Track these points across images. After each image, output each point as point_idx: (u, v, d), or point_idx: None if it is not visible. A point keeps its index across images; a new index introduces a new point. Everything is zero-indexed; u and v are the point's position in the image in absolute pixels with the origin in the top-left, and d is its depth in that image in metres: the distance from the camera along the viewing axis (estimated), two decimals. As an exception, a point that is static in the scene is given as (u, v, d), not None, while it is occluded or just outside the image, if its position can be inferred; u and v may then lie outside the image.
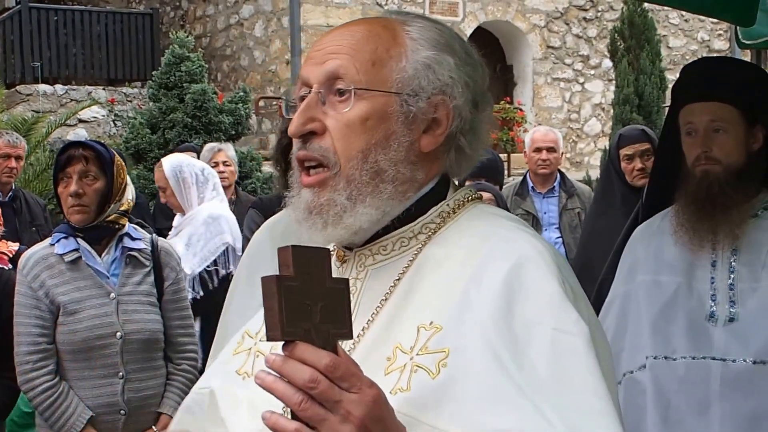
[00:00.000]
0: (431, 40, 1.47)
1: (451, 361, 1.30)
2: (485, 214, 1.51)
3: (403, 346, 1.35)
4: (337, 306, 1.21)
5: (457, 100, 1.46)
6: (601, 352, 1.34)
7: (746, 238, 2.61)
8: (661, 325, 2.65)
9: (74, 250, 3.47)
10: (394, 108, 1.43)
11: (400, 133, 1.43)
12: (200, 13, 16.72)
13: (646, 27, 12.18)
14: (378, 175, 1.42)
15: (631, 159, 4.66)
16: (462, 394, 1.27)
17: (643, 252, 2.78)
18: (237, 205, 6.34)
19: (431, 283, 1.41)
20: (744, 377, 2.51)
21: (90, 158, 3.49)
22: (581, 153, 16.44)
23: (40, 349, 3.42)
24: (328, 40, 1.48)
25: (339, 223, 1.43)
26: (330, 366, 1.14)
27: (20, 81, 14.66)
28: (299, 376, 1.14)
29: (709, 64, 2.96)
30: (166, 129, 11.09)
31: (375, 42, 1.45)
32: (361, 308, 1.45)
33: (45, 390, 3.41)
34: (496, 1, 15.74)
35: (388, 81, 1.44)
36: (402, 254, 1.47)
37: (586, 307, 1.39)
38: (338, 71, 1.43)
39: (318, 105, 1.44)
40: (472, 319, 1.33)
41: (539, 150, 6.04)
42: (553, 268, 1.38)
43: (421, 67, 1.45)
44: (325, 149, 1.43)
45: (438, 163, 1.49)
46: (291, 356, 1.15)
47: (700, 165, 2.61)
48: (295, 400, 1.14)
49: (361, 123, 1.42)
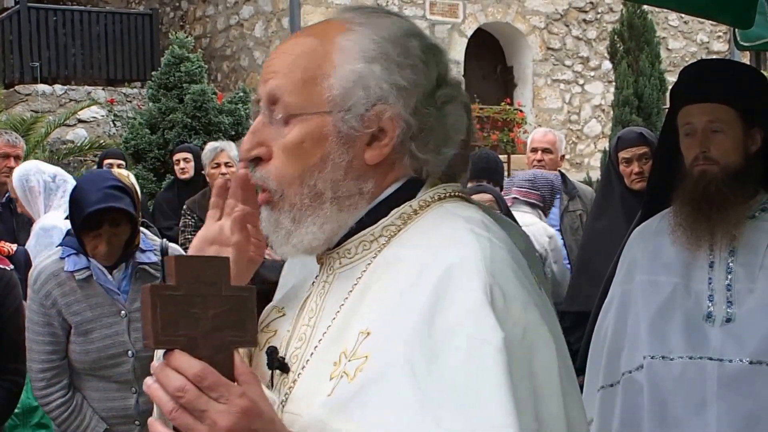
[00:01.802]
0: (361, 51, 1.43)
1: (367, 366, 1.30)
2: (444, 214, 1.46)
3: (347, 352, 1.35)
4: (239, 314, 1.22)
5: (395, 108, 1.41)
6: (522, 358, 1.30)
7: (744, 239, 2.61)
8: (659, 325, 2.65)
9: (85, 268, 3.43)
10: (329, 128, 1.41)
11: (336, 153, 1.41)
12: (200, 13, 16.73)
13: (646, 29, 12.19)
14: (318, 197, 1.42)
15: (629, 162, 4.66)
16: (368, 399, 1.27)
17: (641, 252, 2.79)
18: (237, 205, 6.34)
19: (379, 287, 1.40)
20: (740, 377, 2.51)
21: (119, 221, 3.40)
22: (581, 154, 16.45)
23: (54, 366, 3.43)
24: (273, 54, 1.48)
25: (287, 243, 1.45)
26: (198, 375, 1.17)
27: (19, 81, 14.66)
28: (170, 383, 1.17)
29: (708, 65, 2.97)
30: (165, 129, 11.10)
31: (307, 59, 1.43)
32: (325, 312, 1.46)
33: (59, 405, 3.45)
34: (497, 3, 15.76)
35: (320, 101, 1.41)
36: (363, 257, 1.46)
37: (524, 311, 1.34)
38: (275, 93, 1.43)
39: (266, 127, 1.44)
40: (398, 325, 1.31)
41: (535, 150, 6.06)
42: (482, 272, 1.32)
43: (349, 83, 1.41)
44: (265, 177, 1.44)
45: (393, 170, 1.46)
46: (167, 364, 1.18)
47: (698, 165, 2.62)
48: (167, 408, 1.17)
49: (297, 147, 1.41)
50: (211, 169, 6.39)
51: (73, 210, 3.41)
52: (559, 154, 6.15)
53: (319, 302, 1.49)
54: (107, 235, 3.37)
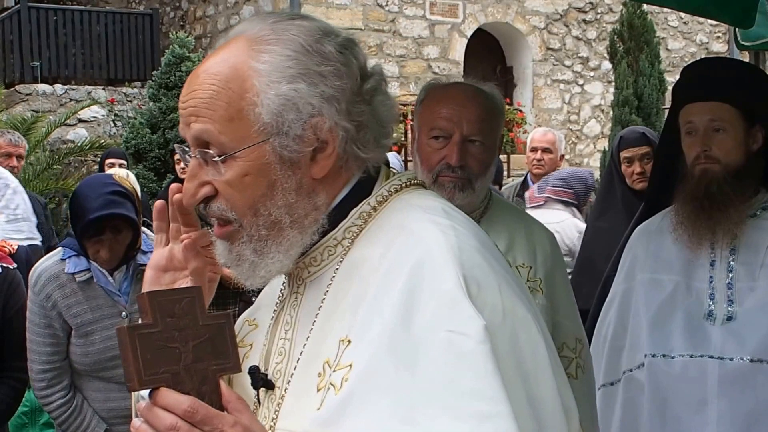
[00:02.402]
0: (281, 71, 1.37)
1: (352, 375, 1.28)
2: (403, 207, 1.44)
3: (330, 361, 1.33)
4: (218, 342, 1.22)
5: (330, 118, 1.38)
6: (507, 343, 1.30)
7: (745, 238, 2.62)
8: (660, 323, 2.66)
9: (86, 270, 3.43)
10: (268, 157, 1.37)
11: (282, 177, 1.38)
12: (200, 13, 16.73)
13: (646, 29, 12.19)
14: (275, 225, 1.39)
15: (630, 162, 4.66)
16: (356, 408, 1.25)
17: (642, 250, 2.79)
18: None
19: (350, 291, 1.38)
20: (741, 376, 2.52)
21: (121, 228, 3.40)
22: (580, 154, 16.45)
23: (54, 367, 3.44)
24: (186, 93, 1.41)
25: (254, 275, 1.42)
26: (188, 411, 1.17)
27: (20, 81, 14.65)
28: (161, 423, 1.17)
29: (710, 64, 2.97)
30: (166, 129, 11.11)
31: (227, 95, 1.37)
32: (301, 323, 1.44)
33: (60, 406, 3.46)
34: (496, 3, 15.76)
35: (252, 132, 1.36)
36: (331, 263, 1.43)
37: (499, 294, 1.33)
38: (202, 137, 1.38)
39: (202, 167, 1.40)
40: (377, 329, 1.28)
41: (535, 150, 6.06)
42: (451, 263, 1.31)
43: (278, 108, 1.36)
44: (223, 209, 1.40)
45: (342, 175, 1.44)
46: (155, 403, 1.18)
47: (700, 164, 2.62)
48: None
49: (240, 182, 1.37)
50: (212, 168, 6.38)
51: (74, 216, 3.41)
52: (558, 153, 6.14)
53: (293, 314, 1.47)
54: (109, 241, 3.37)
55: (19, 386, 3.51)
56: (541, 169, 6.03)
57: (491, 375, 1.23)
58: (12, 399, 3.55)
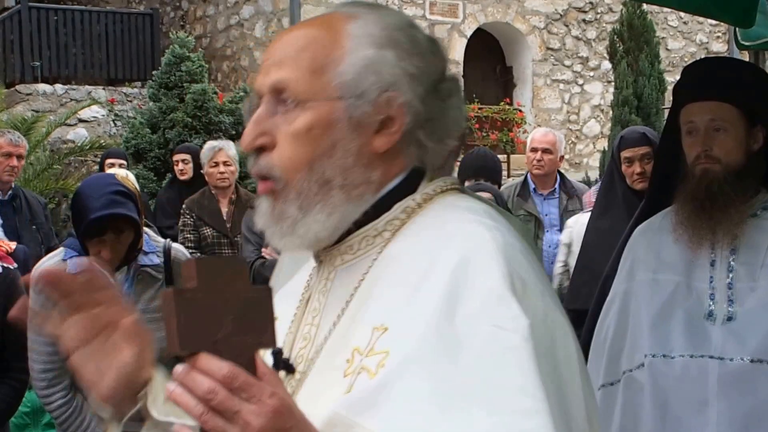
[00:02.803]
0: (371, 37, 1.42)
1: (389, 361, 1.28)
2: (447, 207, 1.46)
3: (361, 349, 1.33)
4: (257, 316, 1.20)
5: (405, 95, 1.41)
6: (546, 346, 1.30)
7: (745, 238, 2.61)
8: (660, 323, 2.65)
9: None
10: (338, 114, 1.40)
11: (346, 139, 1.40)
12: (200, 13, 16.73)
13: (645, 29, 12.20)
14: (326, 184, 1.40)
15: (630, 162, 4.66)
16: (394, 394, 1.25)
17: (643, 250, 2.79)
18: (237, 205, 6.35)
19: (388, 281, 1.39)
20: (741, 376, 2.52)
21: (123, 229, 3.40)
22: (580, 154, 16.46)
23: (55, 366, 3.44)
24: (273, 47, 1.46)
25: (293, 233, 1.41)
26: (228, 376, 1.14)
27: (20, 80, 14.65)
28: (198, 386, 1.14)
29: (711, 63, 2.97)
30: (166, 129, 11.10)
31: (314, 48, 1.42)
32: (328, 309, 1.45)
33: (60, 406, 3.47)
34: (496, 3, 15.76)
35: (329, 88, 1.40)
36: (367, 253, 1.44)
37: (541, 298, 1.35)
38: (280, 83, 1.41)
39: (268, 117, 1.42)
40: (417, 318, 1.29)
41: (535, 150, 6.07)
42: (500, 261, 1.33)
43: (361, 69, 1.40)
44: (270, 166, 1.41)
45: (399, 159, 1.45)
46: (192, 368, 1.15)
47: (700, 164, 2.62)
48: (196, 411, 1.14)
49: (306, 134, 1.39)
50: (210, 168, 6.39)
51: (76, 215, 3.40)
52: (558, 154, 6.15)
53: (322, 300, 1.47)
54: (111, 241, 3.36)
55: (20, 386, 3.51)
56: (541, 169, 6.03)
57: (533, 372, 1.25)
58: (13, 399, 3.56)
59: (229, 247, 6.21)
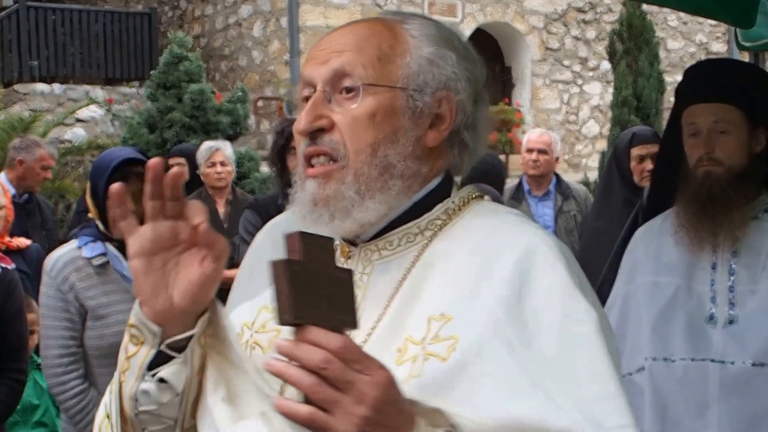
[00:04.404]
0: (431, 37, 1.48)
1: (460, 346, 1.32)
2: (489, 211, 1.53)
3: (414, 338, 1.36)
4: (343, 295, 1.21)
5: (460, 95, 1.47)
6: (609, 341, 1.36)
7: (746, 241, 2.60)
8: (661, 326, 2.65)
9: (102, 254, 3.48)
10: (401, 103, 1.44)
11: (407, 127, 1.44)
12: (198, 13, 16.71)
13: (645, 29, 12.17)
14: (387, 170, 1.43)
15: (642, 159, 4.64)
16: (474, 378, 1.29)
17: (643, 253, 2.78)
18: (234, 205, 6.32)
19: (440, 277, 1.42)
20: (742, 379, 2.51)
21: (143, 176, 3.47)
22: (579, 155, 16.44)
23: (71, 352, 3.44)
24: (329, 39, 1.49)
25: (347, 216, 1.43)
26: (342, 348, 1.14)
27: (18, 80, 14.64)
28: (312, 357, 1.13)
29: (714, 65, 2.95)
30: (164, 129, 11.07)
31: (378, 39, 1.46)
32: (370, 302, 1.45)
33: (77, 394, 3.45)
34: (495, 3, 15.75)
35: (394, 76, 1.44)
36: (407, 249, 1.47)
37: (593, 297, 1.42)
38: (344, 68, 1.43)
39: (324, 103, 1.44)
40: (483, 308, 1.34)
41: (531, 151, 6.07)
42: (560, 257, 1.40)
43: (425, 63, 1.45)
44: (335, 142, 1.43)
45: (442, 158, 1.50)
46: (302, 340, 1.15)
47: (703, 166, 2.61)
48: (308, 382, 1.13)
49: (369, 118, 1.42)
50: (207, 168, 6.36)
51: (96, 176, 3.45)
52: (554, 155, 6.14)
53: (358, 294, 1.46)
54: (133, 192, 3.41)
55: (17, 387, 3.50)
56: (537, 170, 6.04)
57: (608, 362, 1.32)
58: (10, 399, 3.54)
59: (227, 247, 6.19)
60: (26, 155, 6.45)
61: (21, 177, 6.46)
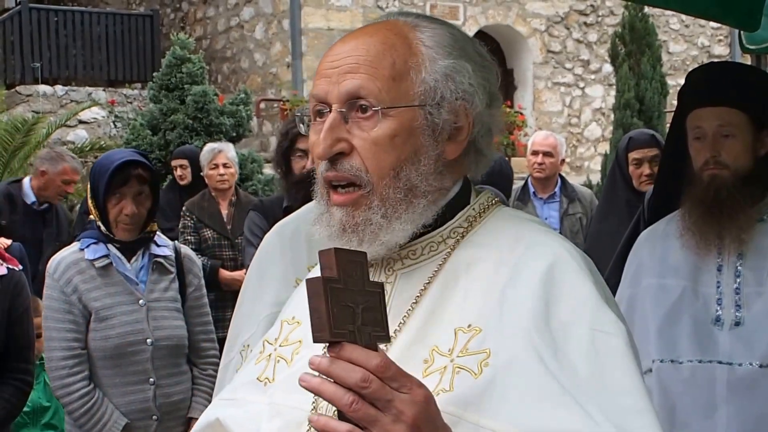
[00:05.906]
0: (447, 47, 1.45)
1: (492, 361, 1.31)
2: (512, 218, 1.51)
3: (441, 349, 1.36)
4: (375, 308, 1.21)
5: (476, 105, 1.45)
6: (636, 353, 1.37)
7: (752, 243, 2.61)
8: (667, 328, 2.65)
9: (104, 256, 3.49)
10: (420, 121, 1.41)
11: (427, 146, 1.42)
12: (200, 15, 16.72)
13: (647, 32, 12.16)
14: (411, 191, 1.42)
15: (639, 164, 4.64)
16: (505, 392, 1.28)
17: (648, 255, 2.78)
18: (237, 207, 6.32)
19: (466, 286, 1.41)
20: (750, 381, 2.52)
21: (146, 178, 3.49)
22: (581, 158, 16.44)
23: (75, 354, 3.46)
24: (341, 53, 1.43)
25: (375, 240, 1.42)
26: (381, 366, 1.14)
27: (20, 81, 14.64)
28: (350, 375, 1.13)
29: (718, 68, 2.96)
30: (166, 130, 11.07)
31: (392, 55, 1.42)
32: (393, 311, 1.43)
33: (82, 396, 3.45)
34: (497, 5, 15.75)
35: (410, 94, 1.41)
36: (431, 258, 1.47)
37: (617, 309, 1.41)
38: (359, 92, 1.40)
39: (341, 124, 1.41)
40: (512, 320, 1.34)
41: (536, 153, 6.07)
42: (585, 269, 1.40)
43: (441, 77, 1.42)
44: (356, 168, 1.41)
45: (461, 167, 1.49)
46: (339, 357, 1.14)
47: (709, 169, 2.61)
48: (346, 400, 1.13)
49: (389, 140, 1.40)
50: (210, 170, 6.37)
51: (97, 177, 3.48)
52: (559, 157, 6.15)
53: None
54: (133, 195, 3.43)
55: (24, 387, 3.50)
56: (542, 172, 6.04)
57: (637, 374, 1.32)
58: (17, 400, 3.54)
59: (230, 249, 6.19)
60: (49, 167, 6.48)
61: (42, 187, 6.50)
